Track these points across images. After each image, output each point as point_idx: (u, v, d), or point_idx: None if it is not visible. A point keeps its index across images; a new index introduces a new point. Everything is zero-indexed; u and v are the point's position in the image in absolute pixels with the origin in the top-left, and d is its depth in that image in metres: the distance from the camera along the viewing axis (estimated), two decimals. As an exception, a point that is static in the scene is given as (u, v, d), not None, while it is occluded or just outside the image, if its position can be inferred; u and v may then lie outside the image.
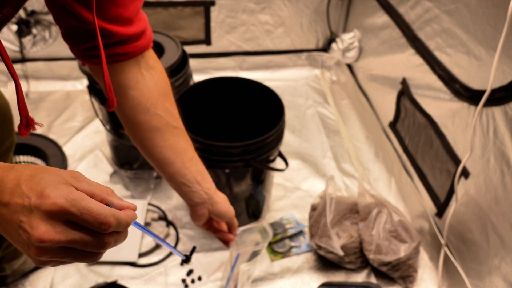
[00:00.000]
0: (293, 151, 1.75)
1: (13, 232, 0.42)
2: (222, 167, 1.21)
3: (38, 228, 0.40)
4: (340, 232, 1.31)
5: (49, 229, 0.40)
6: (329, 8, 2.13)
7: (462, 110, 1.23)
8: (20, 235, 0.41)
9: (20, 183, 0.41)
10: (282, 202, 1.54)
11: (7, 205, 0.41)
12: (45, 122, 1.82)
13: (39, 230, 0.40)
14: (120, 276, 1.28)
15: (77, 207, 0.41)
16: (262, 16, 2.10)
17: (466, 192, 1.21)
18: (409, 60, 1.54)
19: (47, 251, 0.42)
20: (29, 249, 0.42)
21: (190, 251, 0.82)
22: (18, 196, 0.41)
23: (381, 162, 1.70)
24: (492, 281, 1.10)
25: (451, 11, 1.27)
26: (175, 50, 1.45)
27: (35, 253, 0.42)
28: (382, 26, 1.77)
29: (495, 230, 1.09)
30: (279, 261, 1.35)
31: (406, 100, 1.57)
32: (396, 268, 1.25)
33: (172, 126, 0.91)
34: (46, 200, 0.40)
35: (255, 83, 1.37)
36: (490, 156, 1.10)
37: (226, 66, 2.18)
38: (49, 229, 0.40)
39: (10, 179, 0.42)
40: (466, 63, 1.21)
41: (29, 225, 0.40)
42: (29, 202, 0.40)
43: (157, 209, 1.48)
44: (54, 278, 1.26)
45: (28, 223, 0.40)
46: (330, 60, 2.23)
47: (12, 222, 0.41)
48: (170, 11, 2.00)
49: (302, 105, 2.03)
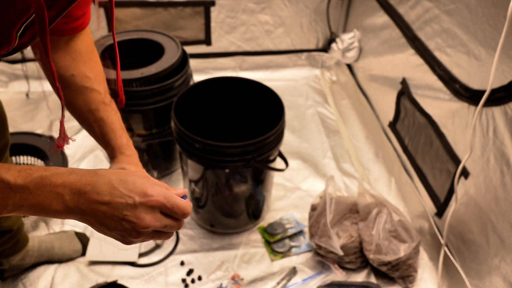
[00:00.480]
0: (293, 151, 1.75)
1: (112, 224, 0.54)
2: (222, 167, 1.21)
3: (144, 219, 0.54)
4: (340, 232, 1.31)
5: (152, 218, 0.55)
6: (329, 8, 2.13)
7: (462, 110, 1.23)
8: (121, 225, 0.54)
9: (116, 186, 0.53)
10: (282, 202, 1.54)
11: (108, 204, 0.53)
12: (45, 122, 1.82)
13: (146, 220, 0.54)
14: (120, 276, 1.28)
15: (170, 203, 0.55)
16: (262, 16, 2.10)
17: (466, 192, 1.21)
18: (409, 60, 1.54)
19: (146, 234, 0.56)
20: (130, 235, 0.55)
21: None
22: (118, 197, 0.53)
23: (381, 162, 1.70)
24: (492, 281, 1.10)
25: (451, 11, 1.27)
26: (175, 50, 1.45)
27: (135, 236, 0.56)
28: (382, 26, 1.77)
29: (495, 230, 1.09)
30: (279, 261, 1.35)
31: (406, 100, 1.57)
32: (396, 268, 1.25)
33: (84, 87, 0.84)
34: (150, 198, 0.54)
35: (255, 83, 1.37)
36: (490, 156, 1.10)
37: (226, 66, 2.18)
38: (152, 218, 0.55)
39: (102, 184, 0.53)
40: (466, 63, 1.21)
41: (135, 217, 0.54)
42: (133, 201, 0.53)
43: (157, 209, 1.48)
44: (54, 278, 1.26)
45: (134, 216, 0.53)
46: (330, 60, 2.23)
47: (114, 216, 0.53)
48: (170, 11, 2.00)
49: (302, 105, 2.04)
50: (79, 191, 0.53)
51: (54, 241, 1.30)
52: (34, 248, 1.25)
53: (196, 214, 1.44)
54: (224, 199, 1.34)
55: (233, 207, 1.37)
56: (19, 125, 1.81)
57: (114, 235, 0.57)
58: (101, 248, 1.33)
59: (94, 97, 0.80)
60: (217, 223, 1.41)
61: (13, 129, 1.76)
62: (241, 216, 1.39)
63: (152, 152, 1.55)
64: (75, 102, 0.80)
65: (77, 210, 0.53)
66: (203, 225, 1.44)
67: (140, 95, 1.37)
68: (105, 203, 0.53)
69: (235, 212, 1.38)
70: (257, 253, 1.37)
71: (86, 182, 0.53)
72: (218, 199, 1.34)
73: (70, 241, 1.32)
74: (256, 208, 1.41)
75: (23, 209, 0.52)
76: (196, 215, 1.44)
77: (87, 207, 0.53)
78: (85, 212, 0.53)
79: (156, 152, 1.56)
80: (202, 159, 1.19)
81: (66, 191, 0.52)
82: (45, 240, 1.29)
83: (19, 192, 0.51)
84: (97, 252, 1.32)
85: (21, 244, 1.20)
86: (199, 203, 1.38)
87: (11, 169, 0.51)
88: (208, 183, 1.29)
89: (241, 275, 1.30)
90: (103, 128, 0.80)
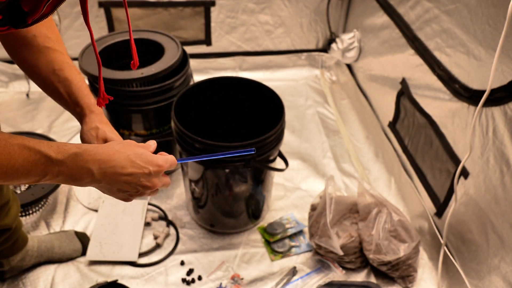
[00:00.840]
0: (293, 151, 1.75)
1: (128, 188, 0.69)
2: (222, 167, 1.21)
3: (155, 183, 0.71)
4: (340, 232, 1.31)
5: (159, 181, 0.72)
6: (329, 8, 2.13)
7: (462, 110, 1.23)
8: (136, 188, 0.69)
9: (134, 160, 0.67)
10: (282, 202, 1.55)
11: (131, 174, 0.67)
12: (45, 122, 1.82)
13: (155, 183, 0.71)
14: (120, 276, 1.28)
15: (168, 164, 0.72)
16: (262, 16, 2.10)
17: (466, 192, 1.21)
18: (409, 60, 1.54)
19: (148, 193, 0.72)
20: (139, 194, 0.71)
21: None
22: (137, 168, 0.67)
23: (380, 162, 1.71)
24: (492, 281, 1.10)
25: (451, 11, 1.27)
26: (175, 50, 1.45)
27: (141, 195, 0.72)
28: (382, 26, 1.77)
29: (494, 230, 1.09)
30: (279, 260, 1.35)
31: (406, 100, 1.57)
32: (395, 267, 1.25)
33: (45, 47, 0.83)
34: (161, 168, 0.70)
35: (255, 83, 1.38)
36: (490, 156, 1.10)
37: (226, 66, 2.18)
38: (159, 181, 0.72)
39: (122, 159, 0.67)
40: (466, 63, 1.22)
41: (150, 182, 0.70)
42: (149, 171, 0.68)
43: (157, 209, 1.48)
44: (54, 278, 1.26)
45: (149, 181, 0.70)
46: (330, 60, 2.23)
47: (132, 183, 0.68)
48: (170, 11, 2.00)
49: (302, 105, 2.04)
50: (106, 166, 0.65)
51: (54, 241, 1.30)
52: (34, 248, 1.25)
53: (196, 214, 1.44)
54: (224, 199, 1.34)
55: (233, 207, 1.37)
56: (19, 125, 1.81)
57: (123, 195, 0.71)
58: (101, 248, 1.33)
59: (57, 57, 0.80)
60: (217, 223, 1.41)
61: (13, 129, 1.76)
62: (241, 216, 1.40)
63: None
64: (38, 64, 0.79)
65: (103, 180, 0.66)
66: (203, 225, 1.44)
67: (140, 95, 1.37)
68: (128, 174, 0.67)
69: (235, 212, 1.38)
70: (257, 253, 1.37)
71: (110, 159, 0.66)
72: (218, 199, 1.34)
73: (70, 240, 1.32)
74: (256, 208, 1.42)
75: (58, 178, 0.63)
76: (196, 215, 1.44)
77: (112, 178, 0.66)
78: (109, 181, 0.67)
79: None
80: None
81: (95, 167, 0.64)
82: (45, 240, 1.29)
83: (58, 165, 0.61)
84: (97, 251, 1.32)
85: (20, 243, 1.20)
86: (199, 203, 1.38)
87: (52, 146, 0.62)
88: (208, 183, 1.29)
89: (241, 275, 1.30)
90: (70, 88, 0.80)
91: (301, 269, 1.32)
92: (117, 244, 1.34)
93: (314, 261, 1.35)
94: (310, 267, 1.33)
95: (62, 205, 1.48)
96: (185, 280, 1.28)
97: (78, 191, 1.52)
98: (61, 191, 1.52)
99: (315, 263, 1.34)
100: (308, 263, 1.34)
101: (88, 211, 1.47)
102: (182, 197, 1.54)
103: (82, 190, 1.52)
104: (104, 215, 1.42)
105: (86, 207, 1.48)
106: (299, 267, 1.33)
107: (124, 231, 1.38)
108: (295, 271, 1.31)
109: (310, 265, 1.34)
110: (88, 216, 1.45)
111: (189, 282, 1.27)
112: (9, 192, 1.08)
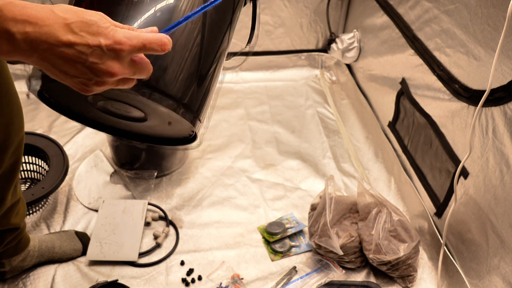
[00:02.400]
0: (293, 151, 1.76)
1: (69, 69, 0.49)
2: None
3: (114, 67, 0.49)
4: (340, 232, 1.31)
5: (122, 66, 0.50)
6: (329, 8, 2.13)
7: (462, 110, 1.24)
8: (83, 72, 0.49)
9: (76, 26, 0.47)
10: (282, 202, 1.55)
11: (70, 46, 0.47)
12: (45, 122, 1.82)
13: (116, 69, 0.49)
14: (120, 276, 1.28)
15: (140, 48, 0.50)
16: (262, 16, 2.10)
17: (466, 192, 1.21)
18: (409, 60, 1.54)
19: (110, 83, 0.52)
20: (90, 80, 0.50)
21: None
22: (79, 38, 0.47)
23: (380, 162, 1.71)
24: (491, 281, 1.10)
25: (451, 11, 1.28)
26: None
27: (98, 84, 0.51)
28: (381, 26, 1.77)
29: (494, 230, 1.09)
30: (279, 260, 1.35)
31: (406, 100, 1.57)
32: (395, 267, 1.25)
33: None
34: (120, 45, 0.48)
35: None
36: (489, 156, 1.10)
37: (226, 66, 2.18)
38: (122, 66, 0.50)
39: (60, 22, 0.47)
40: (466, 63, 1.22)
41: (104, 65, 0.49)
42: (98, 43, 0.48)
43: (157, 209, 1.49)
44: (55, 278, 1.27)
45: (102, 63, 0.49)
46: (330, 60, 2.24)
47: (77, 61, 0.48)
48: (170, 11, 2.00)
49: (302, 105, 2.04)
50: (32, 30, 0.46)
51: (54, 241, 1.30)
52: (35, 248, 1.25)
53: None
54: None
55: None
56: (19, 125, 1.81)
57: (73, 82, 0.51)
58: (101, 248, 1.33)
59: None
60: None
61: (14, 129, 1.76)
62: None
63: (152, 152, 1.55)
64: None
65: (32, 52, 0.47)
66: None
67: (140, 95, 1.36)
68: (65, 44, 0.47)
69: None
70: (257, 253, 1.37)
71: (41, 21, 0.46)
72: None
73: (71, 240, 1.32)
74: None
75: None
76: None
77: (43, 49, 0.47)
78: (41, 56, 0.48)
79: (156, 152, 1.56)
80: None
81: (17, 29, 0.46)
82: (45, 239, 1.29)
83: None
84: (97, 251, 1.32)
85: (23, 244, 1.20)
86: None
87: None
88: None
89: (241, 275, 1.30)
90: None
91: (301, 269, 1.32)
92: (117, 244, 1.35)
93: (314, 261, 1.35)
94: (310, 267, 1.33)
95: (62, 205, 1.48)
96: (185, 280, 1.28)
97: (78, 191, 1.52)
98: (61, 191, 1.52)
99: (315, 263, 1.34)
100: (308, 263, 1.34)
101: (88, 211, 1.47)
102: (182, 197, 1.54)
103: (82, 190, 1.52)
104: (104, 215, 1.43)
105: (86, 207, 1.48)
106: (299, 267, 1.33)
107: (124, 231, 1.38)
108: (295, 271, 1.31)
109: (310, 265, 1.34)
110: (88, 216, 1.45)
111: (189, 282, 1.28)
112: (20, 191, 1.08)
